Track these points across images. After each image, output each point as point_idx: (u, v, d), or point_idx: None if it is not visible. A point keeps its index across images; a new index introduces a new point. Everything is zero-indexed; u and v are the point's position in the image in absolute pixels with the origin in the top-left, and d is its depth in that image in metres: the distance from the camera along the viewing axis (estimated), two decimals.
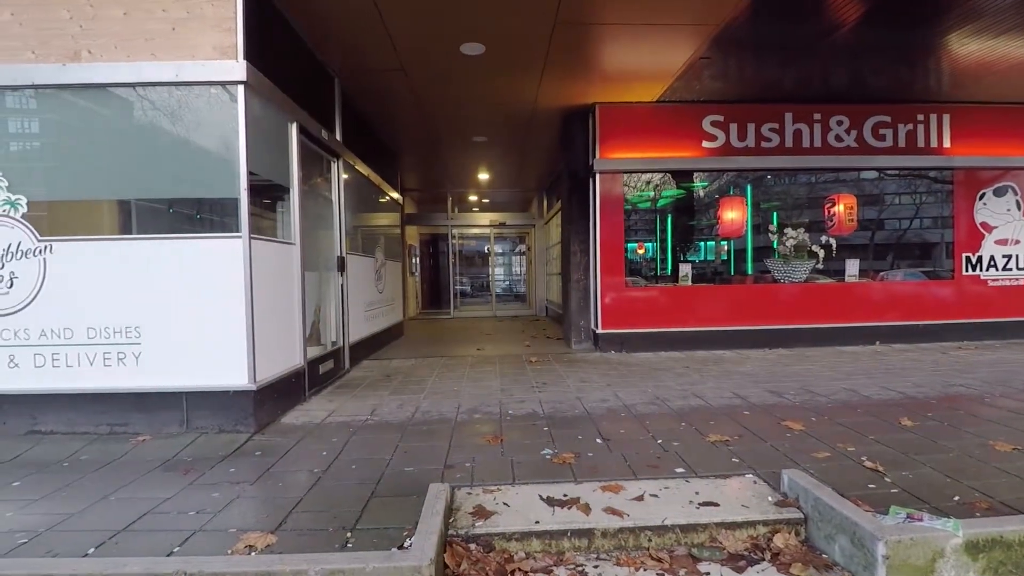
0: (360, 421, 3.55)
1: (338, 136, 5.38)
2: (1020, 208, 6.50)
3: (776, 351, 5.87)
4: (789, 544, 2.09)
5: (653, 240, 7.17)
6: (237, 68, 3.36)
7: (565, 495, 2.34)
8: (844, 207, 6.38)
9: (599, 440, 3.04)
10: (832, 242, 6.36)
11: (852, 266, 6.42)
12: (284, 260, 3.97)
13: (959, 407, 3.55)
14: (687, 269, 6.33)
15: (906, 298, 6.48)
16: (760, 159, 6.29)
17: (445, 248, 13.41)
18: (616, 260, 6.16)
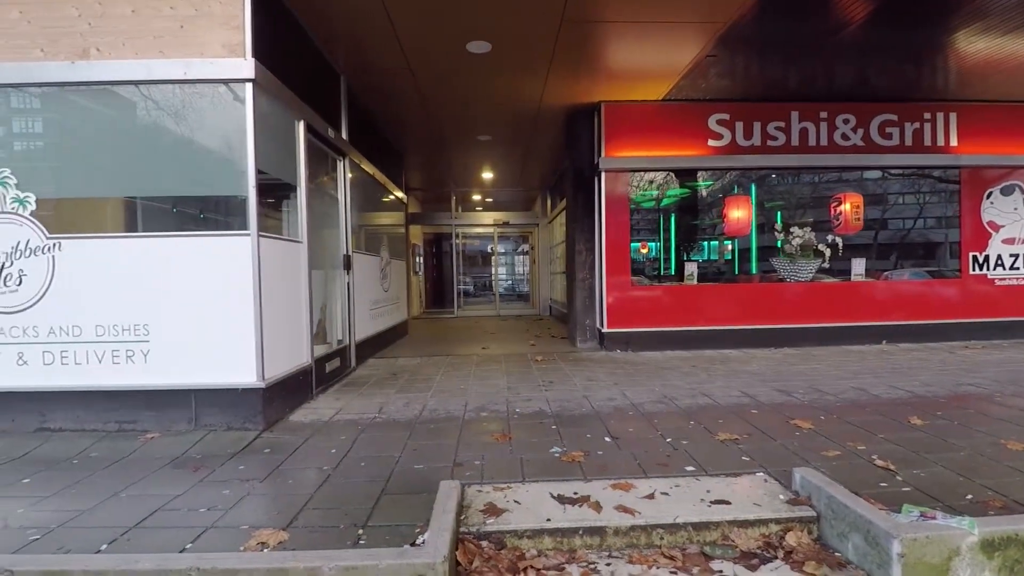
0: (368, 419, 3.55)
1: (344, 135, 5.38)
2: None
3: (782, 350, 5.86)
4: (802, 542, 2.08)
5: (657, 239, 7.16)
6: (245, 66, 3.36)
7: (576, 493, 2.34)
8: (851, 206, 6.36)
9: (608, 438, 3.04)
10: (839, 241, 6.34)
11: (858, 265, 6.40)
12: (291, 258, 3.97)
13: (969, 406, 3.54)
14: (692, 268, 6.32)
15: (912, 297, 6.46)
16: (766, 157, 6.28)
17: (449, 247, 13.42)
18: (622, 259, 6.15)
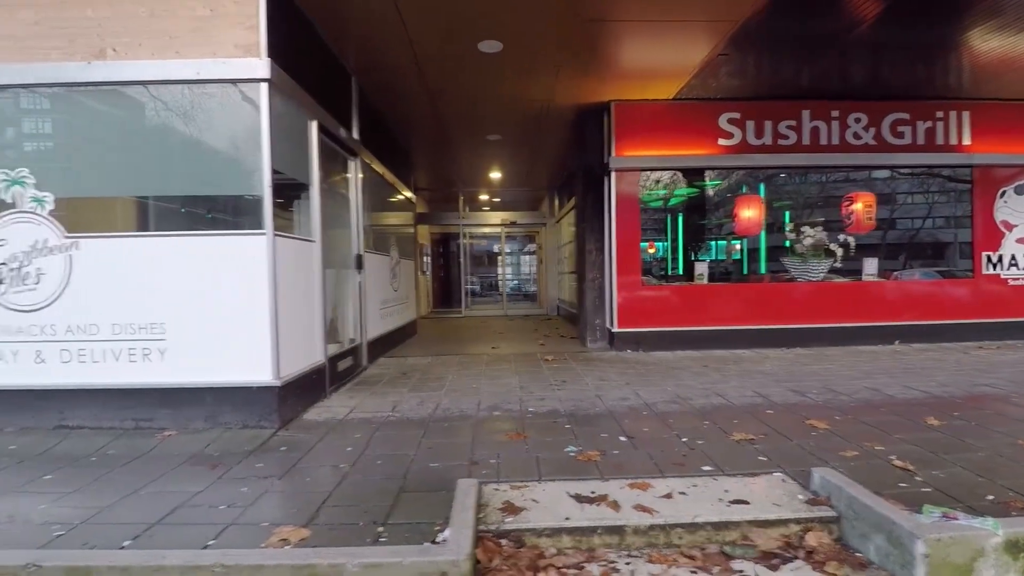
0: (382, 417, 3.56)
1: (355, 134, 5.40)
2: None
3: (794, 350, 5.83)
4: (823, 542, 2.07)
5: (664, 239, 7.14)
6: (261, 66, 3.38)
7: (593, 492, 2.34)
8: (863, 205, 6.32)
9: (623, 438, 3.03)
10: (851, 241, 6.30)
11: (870, 265, 6.36)
12: (305, 257, 3.99)
13: (985, 407, 3.51)
14: (703, 268, 6.30)
15: (924, 297, 6.41)
16: (777, 156, 6.25)
17: (456, 247, 13.45)
18: (632, 258, 6.13)
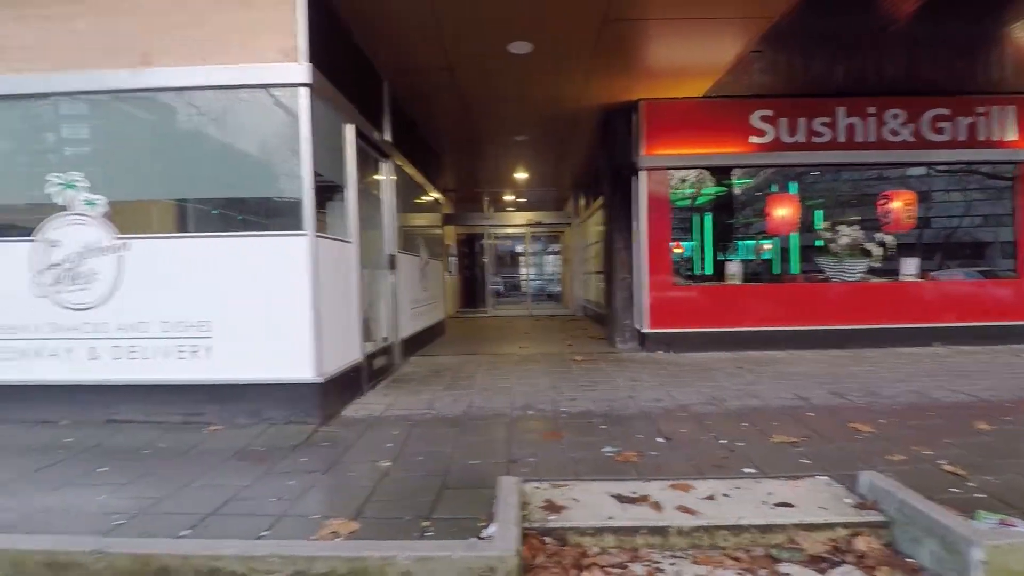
0: (418, 415, 3.61)
1: (388, 137, 5.48)
2: None
3: (829, 352, 5.71)
4: (872, 547, 2.03)
5: (693, 239, 7.06)
6: (301, 71, 3.46)
7: (634, 492, 2.34)
8: (902, 203, 6.15)
9: (659, 439, 3.02)
10: (890, 240, 6.13)
11: (910, 265, 6.19)
12: (344, 257, 4.07)
13: None
14: (736, 267, 6.21)
15: (966, 298, 6.21)
16: (811, 154, 6.12)
17: (481, 247, 13.52)
18: (663, 258, 6.09)
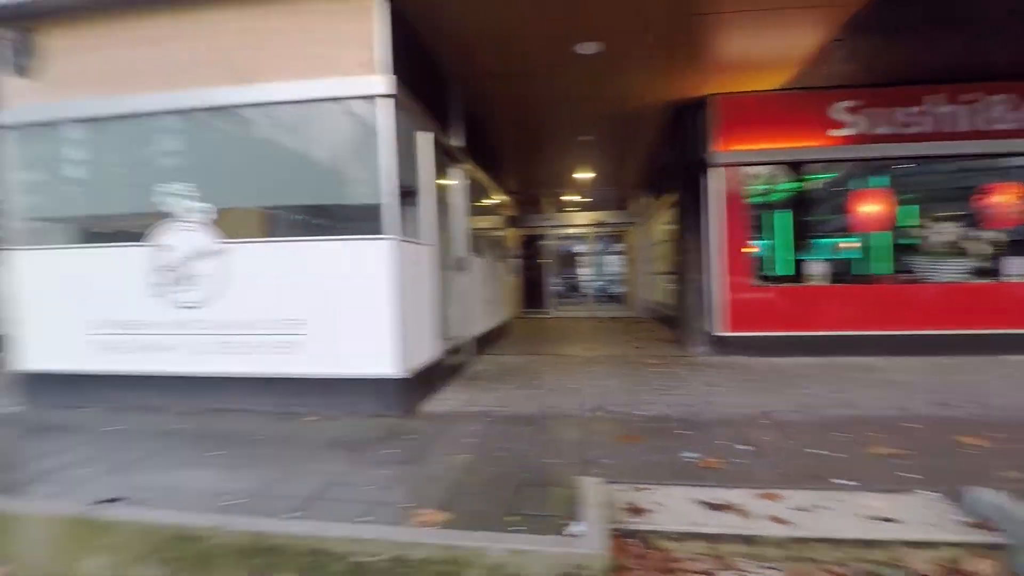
0: (495, 412, 3.70)
1: (458, 142, 5.63)
2: None
3: (926, 359, 5.29)
4: (987, 569, 1.89)
5: (769, 237, 6.74)
6: (382, 82, 3.64)
7: (720, 499, 2.29)
8: (1005, 197, 5.61)
9: (742, 446, 2.93)
10: (991, 237, 5.61)
11: (1015, 264, 5.60)
12: (423, 260, 4.24)
13: None
14: (819, 267, 5.88)
15: None
16: (901, 146, 5.72)
17: (543, 248, 13.54)
18: (740, 258, 5.87)
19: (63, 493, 2.52)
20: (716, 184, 5.94)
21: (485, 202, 7.47)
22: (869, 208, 5.94)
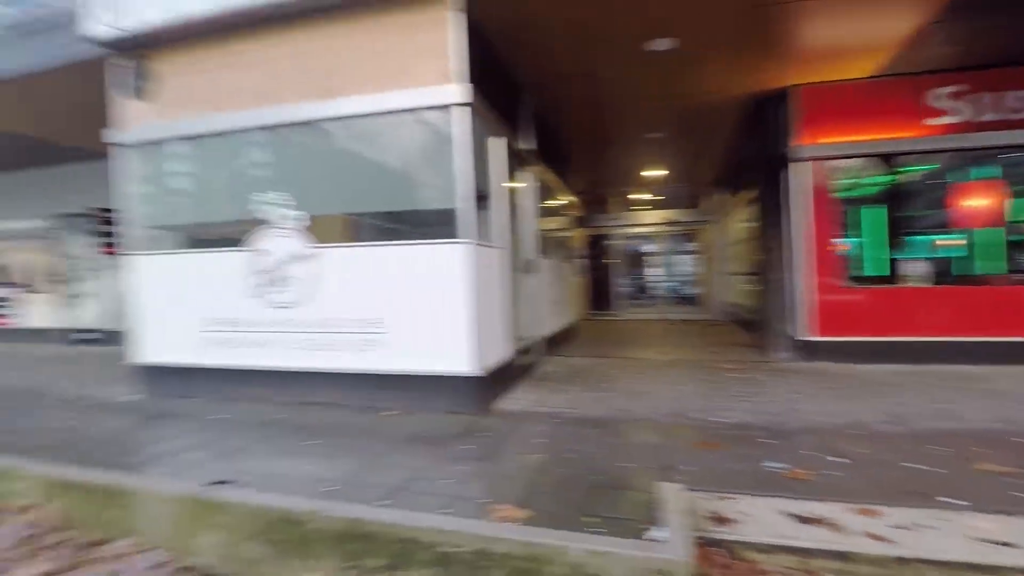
0: (565, 413, 3.72)
1: (529, 146, 5.69)
2: None
3: None
4: None
5: (861, 235, 6.30)
6: (461, 91, 3.76)
7: (811, 512, 2.20)
8: None
9: (832, 458, 2.78)
10: None
11: None
12: (496, 262, 4.34)
13: None
14: (919, 267, 5.43)
15: None
16: (1013, 134, 5.18)
17: (611, 249, 13.36)
18: (828, 258, 5.53)
19: (177, 474, 2.80)
20: (801, 179, 5.63)
21: (555, 204, 7.50)
22: (975, 202, 5.41)
